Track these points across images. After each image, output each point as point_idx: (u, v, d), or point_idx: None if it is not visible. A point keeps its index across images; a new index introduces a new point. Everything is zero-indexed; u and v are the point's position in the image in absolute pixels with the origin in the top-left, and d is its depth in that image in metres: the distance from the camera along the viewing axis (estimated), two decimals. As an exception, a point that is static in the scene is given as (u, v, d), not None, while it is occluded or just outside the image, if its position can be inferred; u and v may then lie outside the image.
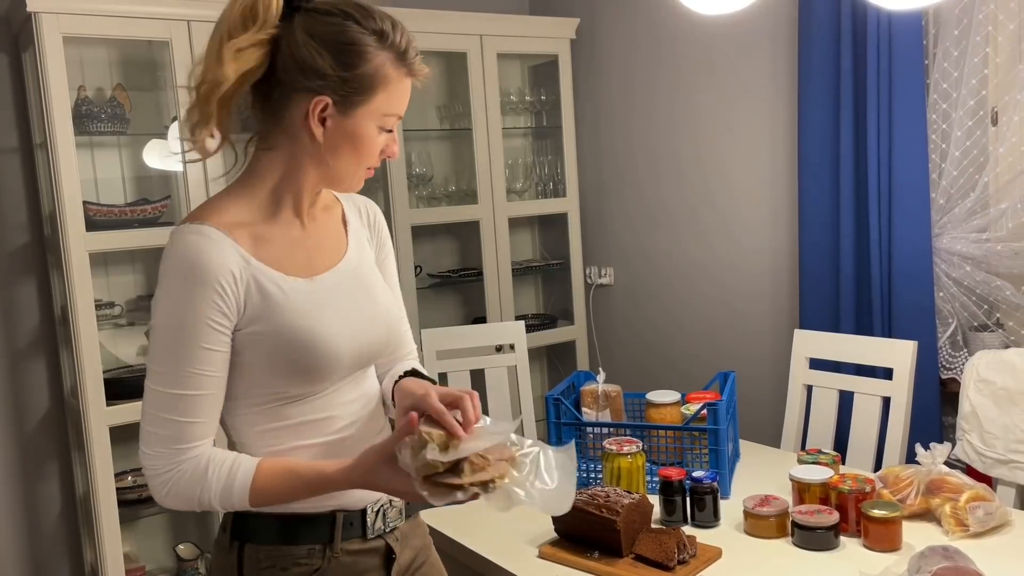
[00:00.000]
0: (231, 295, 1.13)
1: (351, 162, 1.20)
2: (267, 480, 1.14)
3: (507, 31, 3.27)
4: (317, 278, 1.22)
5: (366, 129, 1.18)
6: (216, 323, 1.12)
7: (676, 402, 2.06)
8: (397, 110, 1.20)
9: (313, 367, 1.17)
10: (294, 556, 1.20)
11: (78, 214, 2.49)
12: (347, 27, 1.14)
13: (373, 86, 1.16)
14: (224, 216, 1.17)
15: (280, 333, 1.15)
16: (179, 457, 1.12)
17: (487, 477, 1.11)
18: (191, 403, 1.12)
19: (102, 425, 2.54)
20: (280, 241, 1.20)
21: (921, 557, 1.41)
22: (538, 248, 3.79)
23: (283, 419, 1.20)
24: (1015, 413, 1.95)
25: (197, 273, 1.11)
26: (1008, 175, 2.30)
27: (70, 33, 2.46)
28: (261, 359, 1.16)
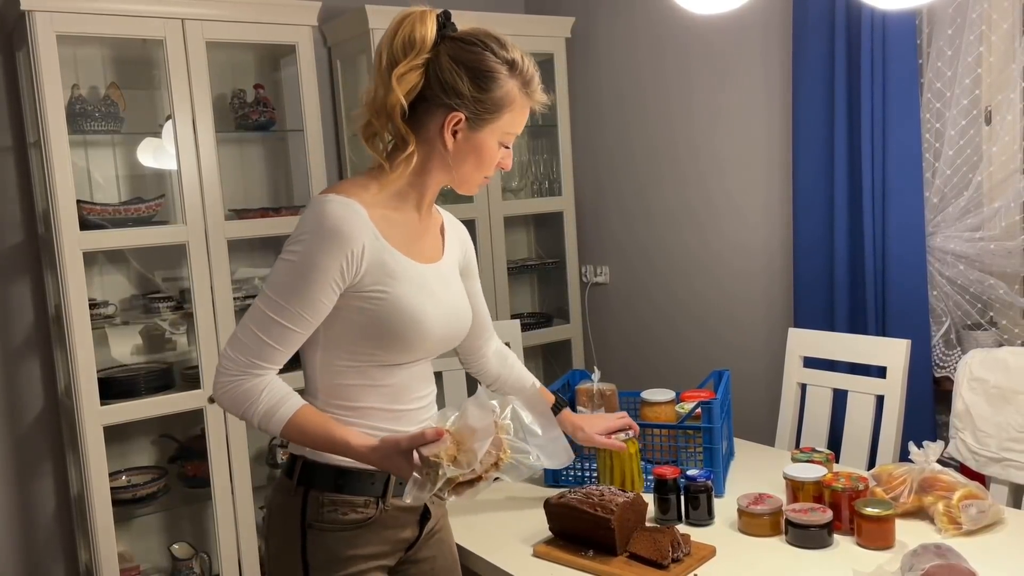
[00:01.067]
0: (355, 263, 1.31)
1: (473, 170, 1.42)
2: (305, 422, 1.31)
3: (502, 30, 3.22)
4: (424, 265, 1.42)
5: (490, 143, 1.40)
6: (335, 281, 1.30)
7: (671, 401, 2.06)
8: (516, 129, 1.42)
9: (409, 337, 1.36)
10: (353, 504, 1.38)
11: (72, 213, 2.48)
12: (485, 56, 1.36)
13: (501, 107, 1.37)
14: (363, 196, 1.35)
15: (391, 301, 1.34)
16: (250, 370, 1.31)
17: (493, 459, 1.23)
18: (284, 334, 1.30)
19: (96, 425, 2.53)
20: (402, 227, 1.40)
21: (914, 555, 1.41)
22: (534, 247, 3.79)
23: (370, 379, 1.38)
24: (1008, 411, 1.95)
25: (335, 236, 1.29)
26: (1001, 174, 2.31)
27: (64, 31, 2.45)
28: (369, 320, 1.34)
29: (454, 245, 1.56)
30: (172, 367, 2.86)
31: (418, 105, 1.37)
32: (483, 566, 1.67)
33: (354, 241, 1.30)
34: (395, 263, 1.35)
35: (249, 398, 1.31)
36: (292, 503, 1.39)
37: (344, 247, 1.29)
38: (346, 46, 3.17)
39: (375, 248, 1.33)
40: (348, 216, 1.31)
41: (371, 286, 1.33)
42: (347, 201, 1.32)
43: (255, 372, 1.31)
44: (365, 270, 1.32)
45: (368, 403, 1.39)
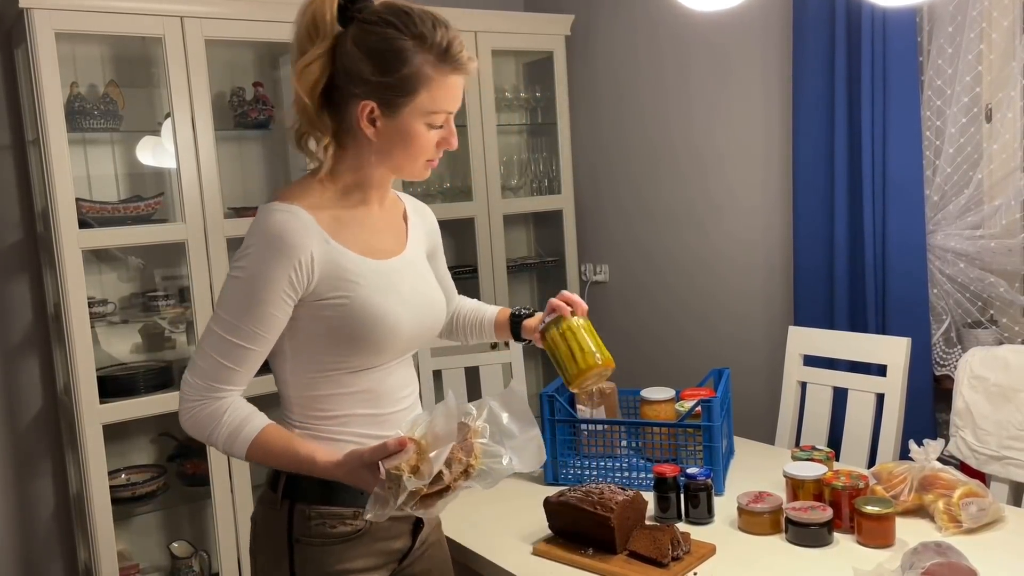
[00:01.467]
0: (305, 272, 1.25)
1: (405, 158, 1.32)
2: (268, 442, 1.27)
3: (502, 28, 3.27)
4: (387, 261, 1.35)
5: (414, 127, 1.29)
6: (285, 293, 1.25)
7: (670, 399, 2.06)
8: (444, 107, 1.30)
9: (377, 340, 1.30)
10: (341, 516, 1.33)
11: (71, 211, 2.48)
12: (387, 34, 1.25)
13: (414, 87, 1.26)
14: (308, 198, 1.30)
15: (354, 305, 1.28)
16: (210, 393, 1.26)
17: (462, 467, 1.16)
18: (240, 353, 1.25)
19: (95, 423, 2.53)
20: (355, 226, 1.33)
21: (914, 553, 1.41)
22: (533, 245, 3.79)
23: (342, 387, 1.32)
24: (1008, 410, 1.95)
25: (281, 247, 1.23)
26: (1002, 172, 2.30)
27: (62, 29, 2.45)
28: (334, 327, 1.28)
29: (418, 231, 1.48)
30: (171, 365, 2.85)
31: (334, 95, 1.29)
32: (483, 564, 1.66)
33: (300, 250, 1.24)
34: (352, 266, 1.29)
35: (212, 422, 1.26)
36: (278, 517, 1.34)
37: (291, 257, 1.23)
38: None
39: (326, 253, 1.27)
40: (292, 224, 1.24)
41: (329, 293, 1.27)
42: (290, 208, 1.26)
43: (215, 396, 1.26)
44: (319, 278, 1.26)
45: (346, 411, 1.33)
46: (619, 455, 2.04)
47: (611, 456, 2.02)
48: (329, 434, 1.33)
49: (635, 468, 1.97)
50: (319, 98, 1.29)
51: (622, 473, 1.96)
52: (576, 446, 2.03)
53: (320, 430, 1.33)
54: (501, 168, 3.36)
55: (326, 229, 1.28)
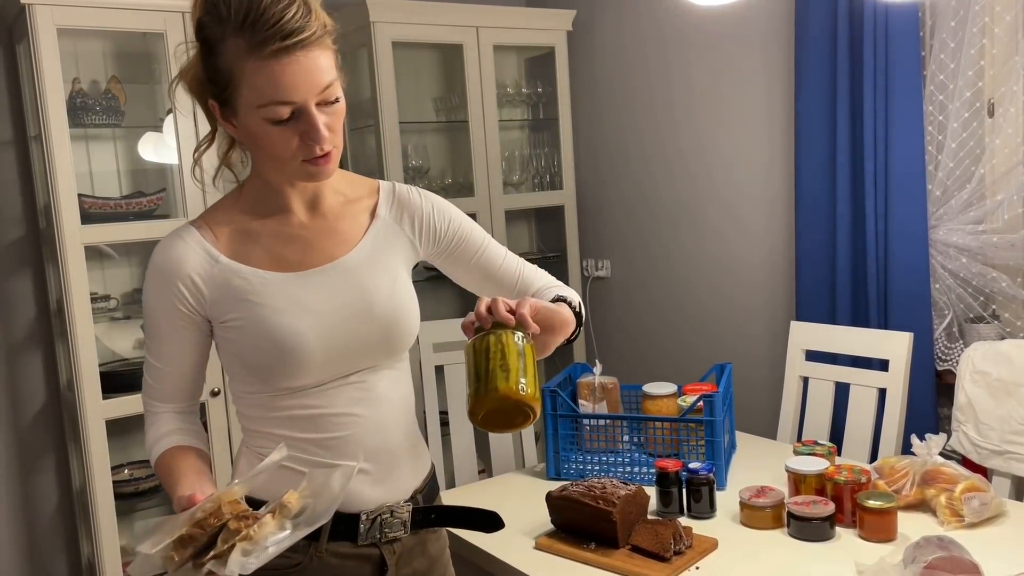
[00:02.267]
0: (190, 295, 1.19)
1: (266, 159, 1.15)
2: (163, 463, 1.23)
3: (503, 23, 3.26)
4: (302, 273, 1.20)
5: (254, 126, 1.09)
6: (176, 318, 1.21)
7: (672, 394, 2.06)
8: (276, 97, 1.05)
9: (283, 360, 1.16)
10: None
11: (73, 207, 2.48)
12: (200, 23, 1.08)
13: (230, 80, 1.07)
14: (216, 215, 1.23)
15: (248, 326, 1.18)
16: (146, 407, 1.29)
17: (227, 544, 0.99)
18: (156, 372, 1.26)
19: (98, 418, 2.54)
20: (266, 238, 1.21)
21: (916, 547, 1.41)
22: (535, 241, 3.79)
23: (274, 410, 1.22)
24: (1010, 404, 1.95)
25: (157, 275, 1.21)
26: (1004, 167, 2.30)
27: (64, 25, 2.45)
28: (239, 349, 1.20)
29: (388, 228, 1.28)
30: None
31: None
32: (485, 559, 1.67)
33: (178, 274, 1.18)
34: (247, 284, 1.18)
35: (147, 439, 1.27)
36: None
37: (168, 284, 1.18)
38: (347, 39, 3.16)
39: (215, 274, 1.18)
40: (171, 249, 1.19)
41: (227, 315, 1.19)
42: (182, 229, 1.21)
43: (151, 411, 1.28)
44: (211, 300, 1.19)
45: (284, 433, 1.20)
46: (621, 450, 2.04)
47: (613, 451, 2.03)
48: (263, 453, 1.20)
49: (637, 463, 1.98)
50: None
51: (624, 468, 1.97)
52: (578, 441, 2.03)
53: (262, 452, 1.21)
54: (503, 164, 3.36)
55: (223, 246, 1.19)
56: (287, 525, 1.04)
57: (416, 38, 3.11)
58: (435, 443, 2.40)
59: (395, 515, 1.25)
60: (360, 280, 1.22)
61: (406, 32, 3.03)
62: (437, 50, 3.42)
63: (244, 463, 1.27)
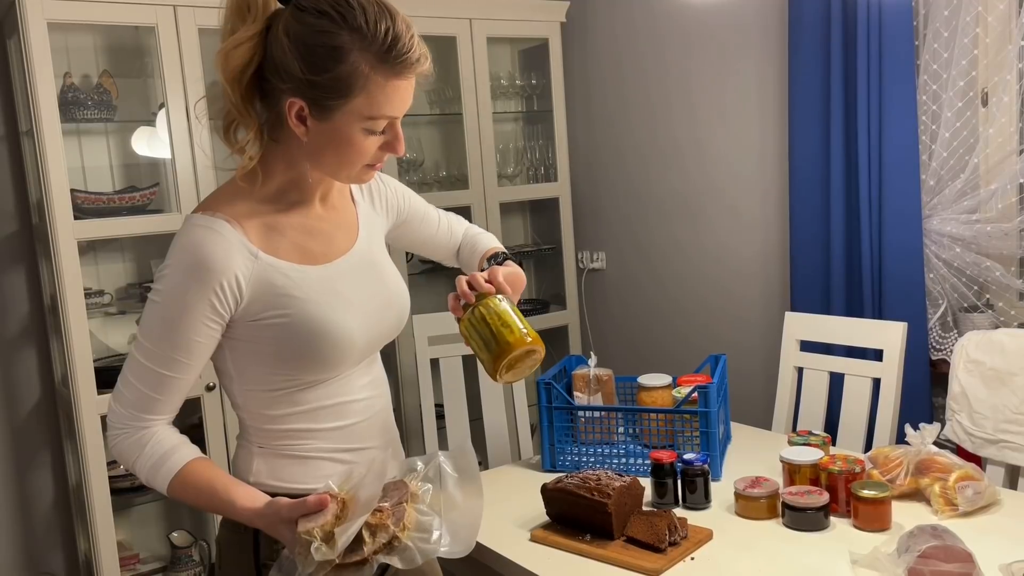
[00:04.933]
0: (231, 294, 1.14)
1: (336, 163, 1.17)
2: (187, 481, 1.16)
3: (497, 15, 3.25)
4: (330, 265, 1.23)
5: (349, 132, 1.13)
6: (209, 319, 1.14)
7: (667, 385, 2.06)
8: (386, 112, 1.13)
9: (327, 354, 1.19)
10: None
11: (66, 202, 2.47)
12: (320, 25, 1.09)
13: (349, 89, 1.10)
14: (236, 207, 1.17)
15: (295, 322, 1.16)
16: (134, 423, 1.17)
17: (387, 536, 1.03)
18: (165, 382, 1.15)
19: (93, 414, 2.53)
20: (292, 231, 1.21)
21: (910, 536, 1.41)
22: (530, 233, 3.79)
23: (298, 404, 1.22)
24: (1004, 393, 1.95)
25: (200, 270, 1.12)
26: (998, 156, 2.30)
27: (55, 19, 2.43)
28: (277, 346, 1.18)
29: (370, 215, 1.34)
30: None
31: (265, 85, 1.16)
32: (480, 551, 1.67)
33: (221, 273, 1.12)
34: (288, 279, 1.17)
35: (134, 452, 1.16)
36: (243, 540, 1.23)
37: (210, 282, 1.12)
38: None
39: (256, 271, 1.15)
40: (211, 244, 1.12)
41: (266, 312, 1.15)
42: (213, 222, 1.14)
43: (139, 425, 1.17)
44: (249, 298, 1.15)
45: (306, 426, 1.22)
46: (616, 441, 2.05)
47: (608, 442, 2.03)
48: (294, 452, 1.23)
49: (632, 454, 1.98)
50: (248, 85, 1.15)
51: (619, 459, 1.97)
52: (573, 433, 2.03)
53: (283, 450, 1.23)
54: (497, 156, 3.35)
55: (255, 241, 1.16)
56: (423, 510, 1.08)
57: (409, 30, 3.09)
58: (431, 436, 2.40)
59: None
60: (377, 267, 1.29)
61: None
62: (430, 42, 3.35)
63: (261, 464, 1.24)
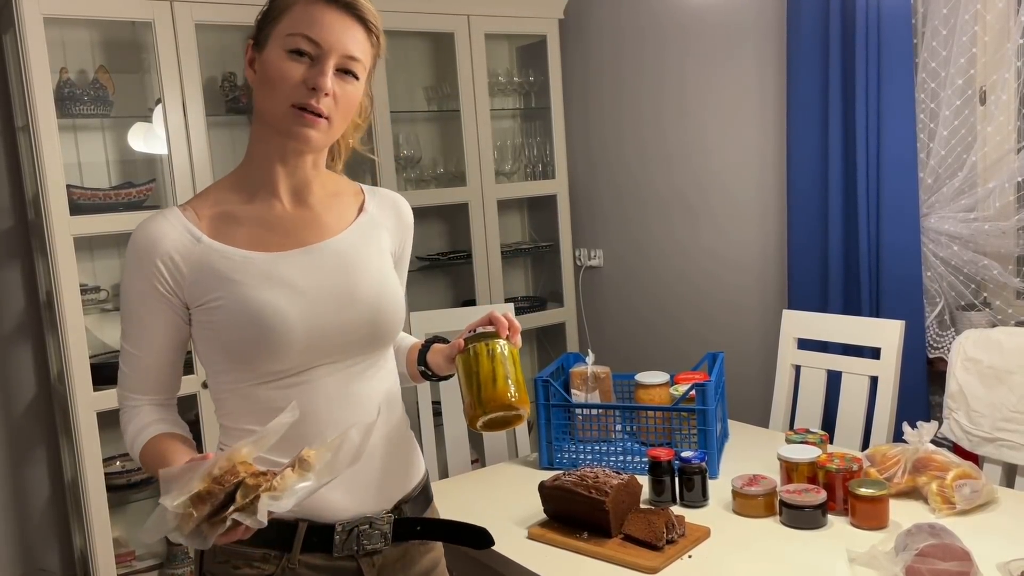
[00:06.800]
0: (169, 275, 1.18)
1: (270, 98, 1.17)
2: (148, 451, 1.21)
3: (494, 11, 3.25)
4: (283, 253, 1.20)
5: (275, 58, 1.17)
6: (151, 297, 1.19)
7: (665, 383, 2.06)
8: (303, 30, 1.16)
9: (264, 338, 1.14)
10: (247, 557, 1.17)
11: (62, 198, 2.46)
12: None
13: (279, 12, 1.19)
14: (204, 198, 1.24)
15: (230, 304, 1.16)
16: (125, 403, 1.27)
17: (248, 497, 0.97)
18: (133, 360, 1.24)
19: (89, 410, 2.53)
20: (251, 221, 1.22)
21: (908, 534, 1.42)
22: (527, 230, 3.78)
23: (256, 402, 1.19)
24: (1002, 391, 1.96)
25: (137, 253, 1.19)
26: (996, 154, 2.30)
27: (51, 14, 2.42)
28: (222, 331, 1.17)
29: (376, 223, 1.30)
30: (165, 352, 2.84)
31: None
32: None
33: (156, 252, 1.17)
34: (230, 263, 1.17)
35: (125, 431, 1.25)
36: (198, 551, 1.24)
37: (147, 262, 1.17)
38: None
39: (197, 254, 1.17)
40: (151, 228, 1.18)
41: (207, 296, 1.17)
42: (167, 211, 1.21)
43: (129, 404, 1.26)
44: (190, 281, 1.17)
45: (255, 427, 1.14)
46: (614, 439, 2.04)
47: (606, 440, 2.03)
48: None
49: (630, 452, 1.98)
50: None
51: (617, 457, 1.97)
52: (571, 430, 2.03)
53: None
54: (495, 153, 3.35)
55: (206, 227, 1.19)
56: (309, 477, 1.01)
57: (406, 27, 3.09)
58: (428, 433, 2.40)
59: (374, 526, 1.21)
60: (344, 262, 1.23)
61: (397, 21, 3.01)
62: (428, 39, 3.40)
63: None
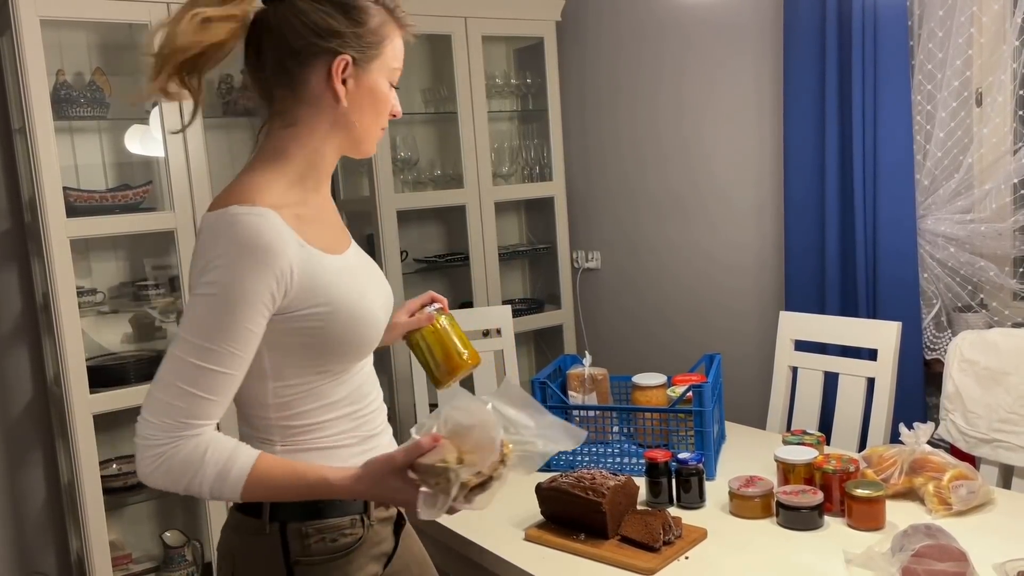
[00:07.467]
0: (284, 283, 1.12)
1: (372, 120, 1.25)
2: (267, 473, 1.12)
3: (492, 13, 3.25)
4: (345, 255, 1.25)
5: (380, 84, 1.23)
6: (265, 307, 1.11)
7: (662, 385, 2.06)
8: (400, 63, 1.26)
9: (363, 342, 1.22)
10: (339, 527, 1.24)
11: (58, 200, 2.46)
12: None
13: (381, 40, 1.22)
14: (269, 197, 1.15)
15: (336, 310, 1.17)
16: (183, 432, 1.08)
17: (498, 456, 1.12)
18: (216, 380, 1.09)
19: (86, 413, 2.52)
20: (315, 220, 1.22)
21: (904, 535, 1.42)
22: (525, 232, 3.78)
23: (326, 397, 1.23)
24: (998, 393, 1.96)
25: (260, 256, 1.09)
26: (992, 156, 2.30)
27: (48, 16, 2.42)
28: (318, 337, 1.17)
29: None
30: (161, 355, 2.83)
31: (287, 64, 1.19)
32: (475, 551, 1.66)
33: (282, 258, 1.10)
34: (325, 271, 1.17)
35: (191, 467, 1.08)
36: (266, 544, 1.21)
37: (272, 267, 1.09)
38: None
39: (303, 261, 1.14)
40: (270, 230, 1.10)
41: (307, 303, 1.14)
42: (260, 211, 1.11)
43: (189, 434, 1.08)
44: (297, 289, 1.13)
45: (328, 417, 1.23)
46: (611, 441, 2.04)
47: (603, 442, 2.03)
48: (317, 444, 1.23)
49: (627, 453, 1.98)
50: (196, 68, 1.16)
51: (614, 459, 1.97)
52: (568, 432, 2.03)
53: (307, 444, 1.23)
54: (492, 155, 3.35)
55: (296, 231, 1.15)
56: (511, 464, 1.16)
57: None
58: (425, 435, 2.40)
59: None
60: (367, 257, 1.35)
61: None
62: (425, 41, 3.40)
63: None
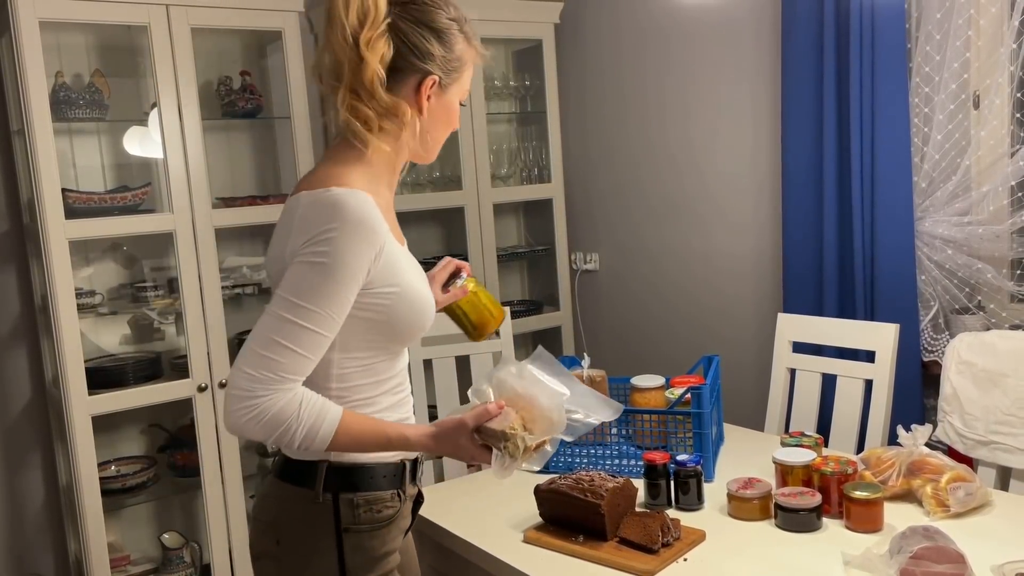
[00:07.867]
0: (379, 259, 1.26)
1: (442, 132, 1.41)
2: (353, 427, 1.27)
3: (490, 15, 3.25)
4: (405, 247, 1.37)
5: (455, 103, 1.40)
6: (361, 279, 1.24)
7: (660, 386, 2.06)
8: (469, 85, 1.43)
9: (419, 323, 1.35)
10: (383, 500, 1.35)
11: (57, 202, 2.46)
12: (439, 14, 1.34)
13: (462, 65, 1.38)
14: (360, 184, 1.28)
15: (405, 294, 1.30)
16: (281, 386, 1.20)
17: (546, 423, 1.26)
18: (313, 339, 1.21)
19: (84, 415, 2.52)
20: (388, 212, 1.35)
21: (902, 537, 1.42)
22: (523, 234, 3.79)
23: (380, 373, 1.35)
24: (996, 395, 1.96)
25: (367, 232, 1.23)
26: (990, 158, 2.31)
27: (47, 17, 2.42)
28: (385, 315, 1.29)
29: None
30: (160, 356, 2.84)
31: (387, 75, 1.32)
32: (473, 552, 1.67)
33: (381, 237, 1.25)
34: (399, 257, 1.31)
35: (286, 418, 1.21)
36: (318, 511, 1.32)
37: (375, 242, 1.23)
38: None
39: (388, 244, 1.27)
40: (370, 209, 1.24)
41: (383, 283, 1.27)
42: (360, 194, 1.25)
43: (286, 387, 1.21)
44: (379, 270, 1.26)
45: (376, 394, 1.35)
46: (609, 443, 2.05)
47: (601, 443, 2.03)
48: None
49: (625, 455, 1.98)
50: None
51: (612, 460, 1.97)
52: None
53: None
54: (491, 157, 3.35)
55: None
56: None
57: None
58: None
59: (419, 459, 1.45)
60: None
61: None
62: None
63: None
